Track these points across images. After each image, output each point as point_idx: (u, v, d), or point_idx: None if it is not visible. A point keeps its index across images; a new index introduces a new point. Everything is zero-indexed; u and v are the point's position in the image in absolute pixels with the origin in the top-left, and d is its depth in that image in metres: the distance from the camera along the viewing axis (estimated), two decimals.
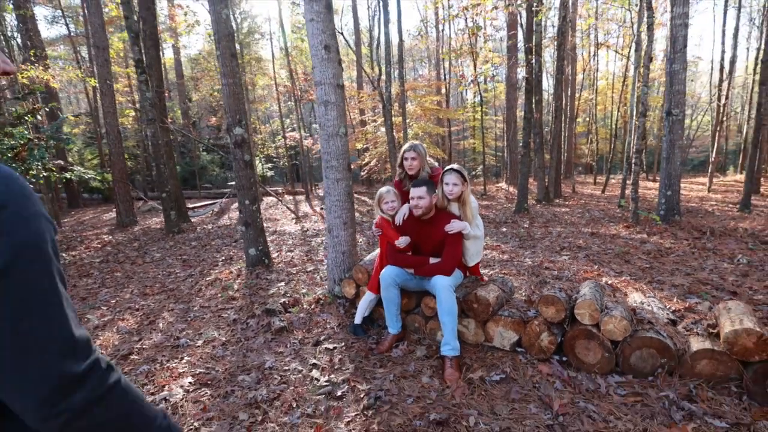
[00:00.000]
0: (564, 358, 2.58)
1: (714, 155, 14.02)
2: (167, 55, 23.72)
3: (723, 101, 14.68)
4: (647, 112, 16.14)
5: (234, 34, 4.49)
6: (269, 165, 23.86)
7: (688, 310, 3.09)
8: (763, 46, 7.45)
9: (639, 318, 2.52)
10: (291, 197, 16.67)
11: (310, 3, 3.22)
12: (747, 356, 2.07)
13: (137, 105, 18.52)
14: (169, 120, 10.75)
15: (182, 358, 3.09)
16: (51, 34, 20.75)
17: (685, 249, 4.97)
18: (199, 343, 3.33)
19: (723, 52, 14.22)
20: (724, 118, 18.30)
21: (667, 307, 3.12)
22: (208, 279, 5.10)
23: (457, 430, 2.06)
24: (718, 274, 3.97)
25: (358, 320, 3.22)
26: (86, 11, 10.96)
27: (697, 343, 2.25)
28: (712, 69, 18.61)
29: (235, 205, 13.99)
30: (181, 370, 2.90)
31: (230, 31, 4.40)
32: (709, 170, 13.43)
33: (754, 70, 14.37)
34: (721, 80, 14.48)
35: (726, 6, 14.47)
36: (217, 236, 8.33)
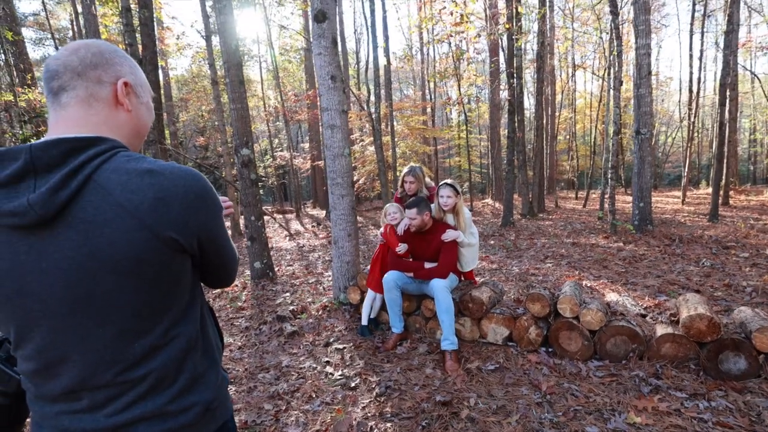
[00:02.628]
0: (550, 349, 2.94)
1: (686, 170, 14.81)
2: None
3: (692, 119, 15.59)
4: (621, 131, 16.98)
5: (242, 63, 4.88)
6: (259, 184, 24.08)
7: (657, 306, 3.49)
8: (721, 70, 8.16)
9: (613, 311, 2.90)
10: (281, 216, 16.91)
11: (318, 39, 3.62)
12: (701, 338, 2.45)
13: None
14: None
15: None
16: (36, 56, 20.92)
17: (657, 255, 5.43)
18: None
19: (691, 73, 15.18)
20: (695, 135, 19.34)
21: (639, 304, 3.51)
22: (214, 292, 5.34)
23: (459, 408, 2.38)
24: (684, 276, 4.42)
25: (364, 321, 3.54)
26: (83, 35, 11.25)
27: (661, 329, 2.63)
28: (680, 89, 19.69)
29: (226, 224, 14.16)
30: None
31: (238, 60, 4.78)
32: (683, 184, 14.18)
33: (715, 91, 15.34)
34: (690, 100, 15.41)
35: (692, 31, 15.52)
36: None
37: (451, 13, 10.97)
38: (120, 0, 6.80)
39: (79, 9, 9.76)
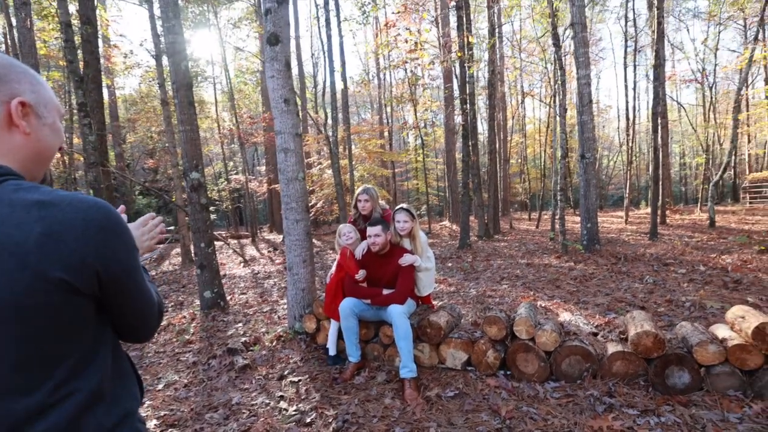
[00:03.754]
0: (508, 372, 2.93)
1: (627, 192, 15.83)
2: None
3: (630, 144, 16.80)
4: (568, 155, 17.99)
5: (192, 84, 4.72)
6: (212, 209, 23.27)
7: (607, 324, 3.61)
8: (651, 101, 8.88)
9: (566, 331, 2.96)
10: (236, 241, 16.34)
11: (271, 62, 3.57)
12: (648, 354, 2.53)
13: (67, 149, 17.60)
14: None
15: (143, 403, 3.07)
16: None
17: (605, 273, 5.68)
18: (160, 387, 3.31)
19: (627, 102, 16.45)
20: (634, 159, 20.82)
21: (591, 323, 3.62)
22: (162, 324, 4.98)
23: None
24: (630, 293, 4.63)
25: (332, 351, 3.39)
26: (17, 50, 10.57)
27: (612, 348, 2.70)
28: (618, 116, 21.25)
29: (176, 250, 13.51)
30: (144, 414, 2.89)
31: (188, 81, 4.63)
32: (625, 205, 15.12)
33: (648, 118, 16.67)
34: (627, 126, 16.64)
35: (625, 64, 16.89)
36: (163, 282, 8.05)
37: (406, 41, 11.34)
38: (59, 14, 6.46)
39: (14, 21, 9.20)
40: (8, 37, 11.01)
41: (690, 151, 28.60)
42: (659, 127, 9.57)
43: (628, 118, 16.40)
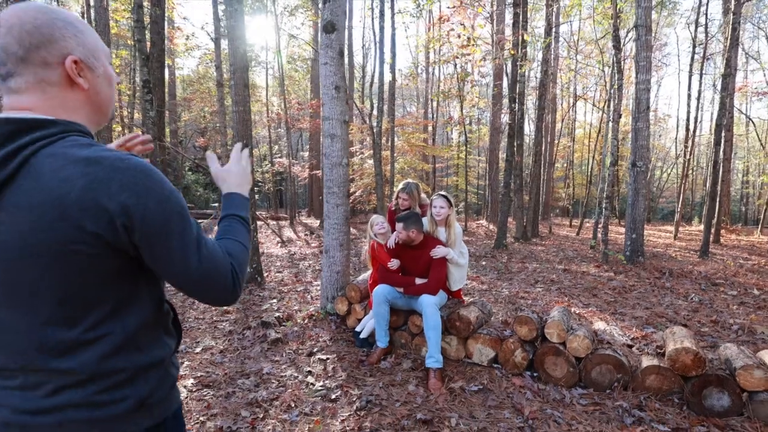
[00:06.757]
0: (535, 373, 2.91)
1: (680, 206, 14.96)
2: None
3: (688, 157, 15.84)
4: (618, 162, 17.19)
5: (248, 67, 4.92)
6: (255, 189, 24.02)
7: (644, 338, 3.49)
8: (717, 111, 8.34)
9: (600, 339, 2.89)
10: (275, 222, 16.83)
11: (325, 49, 3.67)
12: (686, 371, 2.44)
13: (125, 121, 18.69)
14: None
15: (182, 363, 3.28)
16: None
17: (646, 287, 5.45)
18: (198, 350, 3.52)
19: (688, 112, 15.49)
20: (690, 172, 19.65)
21: (627, 334, 3.51)
22: None
23: (440, 428, 2.34)
24: (672, 309, 4.43)
25: (365, 333, 3.49)
26: (93, 28, 11.31)
27: (647, 361, 2.62)
28: (677, 126, 20.06)
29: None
30: (182, 373, 3.09)
31: (245, 64, 4.82)
32: (675, 219, 14.31)
33: (711, 131, 15.61)
34: (686, 138, 15.69)
35: (691, 72, 15.90)
36: None
37: (459, 36, 11.19)
38: None
39: (92, 2, 9.85)
40: (85, 16, 11.78)
41: (755, 168, 26.58)
42: (722, 141, 8.98)
43: (687, 129, 15.45)
